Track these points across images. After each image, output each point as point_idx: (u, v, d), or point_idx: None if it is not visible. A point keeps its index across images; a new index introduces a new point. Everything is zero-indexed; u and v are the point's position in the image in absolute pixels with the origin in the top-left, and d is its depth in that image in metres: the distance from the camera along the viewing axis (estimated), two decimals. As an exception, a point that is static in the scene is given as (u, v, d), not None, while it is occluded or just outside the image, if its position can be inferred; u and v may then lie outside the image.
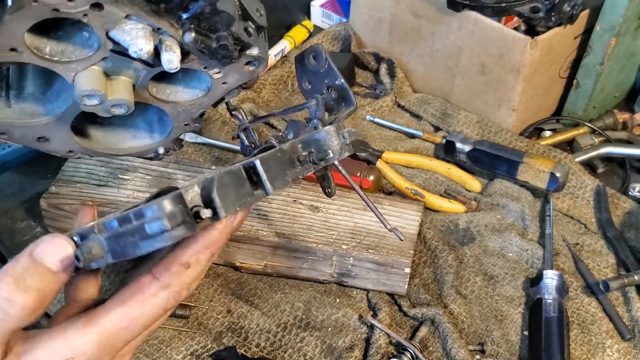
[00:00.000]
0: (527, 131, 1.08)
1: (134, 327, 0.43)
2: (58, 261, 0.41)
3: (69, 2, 0.40)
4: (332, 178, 0.62)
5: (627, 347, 0.78)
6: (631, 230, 0.91)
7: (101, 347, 0.42)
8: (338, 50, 1.26)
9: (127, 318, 0.43)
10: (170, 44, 0.48)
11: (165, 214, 0.37)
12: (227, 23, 0.48)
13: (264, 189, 0.43)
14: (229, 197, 0.40)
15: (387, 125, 1.10)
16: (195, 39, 0.48)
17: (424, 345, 0.78)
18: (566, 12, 0.95)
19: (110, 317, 0.43)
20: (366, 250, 0.81)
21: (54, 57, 0.49)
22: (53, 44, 0.49)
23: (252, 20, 0.51)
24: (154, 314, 0.43)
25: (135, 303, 0.43)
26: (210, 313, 0.80)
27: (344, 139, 0.49)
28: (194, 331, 0.78)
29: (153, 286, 0.43)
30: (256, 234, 0.82)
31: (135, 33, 0.46)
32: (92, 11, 0.42)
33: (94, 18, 0.43)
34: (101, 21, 0.44)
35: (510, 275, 0.86)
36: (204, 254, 0.44)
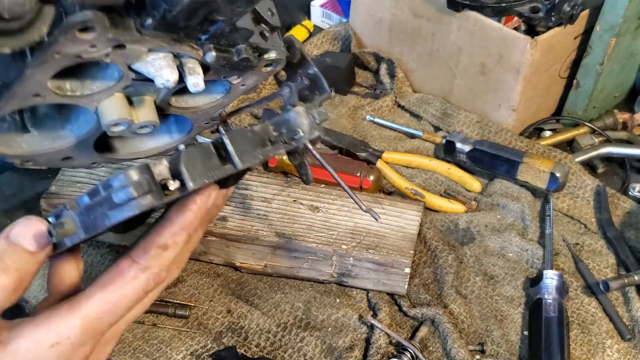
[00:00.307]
0: (527, 131, 1.08)
1: (117, 311, 0.44)
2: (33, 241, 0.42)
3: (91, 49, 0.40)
4: (308, 165, 0.63)
5: (627, 347, 0.78)
6: (631, 230, 0.91)
7: (85, 332, 0.43)
8: (338, 50, 1.26)
9: (109, 302, 0.43)
10: (193, 66, 0.48)
11: (132, 182, 0.38)
12: (246, 37, 0.49)
13: (232, 163, 0.44)
14: (197, 169, 0.41)
15: (387, 125, 1.10)
16: (216, 57, 0.48)
17: (424, 345, 0.78)
18: (566, 12, 0.95)
19: (92, 302, 0.43)
20: (366, 250, 0.81)
21: (76, 92, 0.48)
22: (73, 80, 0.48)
23: (265, 22, 0.52)
24: (134, 296, 0.44)
25: (116, 287, 0.44)
26: (210, 313, 0.80)
27: (314, 119, 0.50)
28: (194, 331, 0.78)
29: (132, 269, 0.44)
30: (256, 234, 0.82)
31: (159, 63, 0.46)
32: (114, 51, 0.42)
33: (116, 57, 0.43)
34: (123, 58, 0.44)
35: (510, 275, 0.86)
36: (181, 235, 0.45)
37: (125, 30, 0.40)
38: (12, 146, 0.53)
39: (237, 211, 0.85)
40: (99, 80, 0.49)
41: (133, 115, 0.52)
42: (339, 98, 1.16)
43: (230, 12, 0.43)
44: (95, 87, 0.49)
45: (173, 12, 0.40)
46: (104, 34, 0.39)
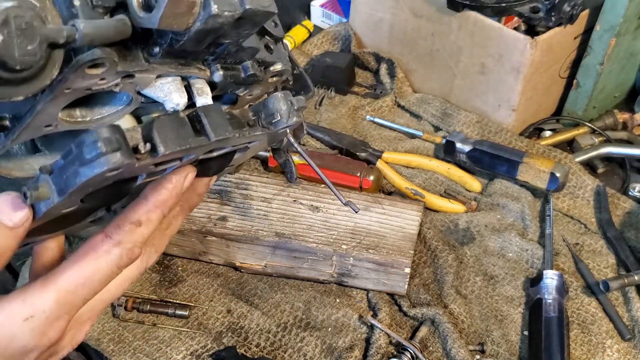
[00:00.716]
0: (527, 131, 1.08)
1: (91, 285, 0.44)
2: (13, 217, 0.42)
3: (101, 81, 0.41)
4: (293, 163, 0.64)
5: (627, 347, 0.78)
6: (631, 230, 0.91)
7: (60, 305, 0.43)
8: (338, 50, 1.26)
9: (83, 276, 0.44)
10: (201, 86, 0.48)
11: (102, 137, 0.38)
12: (252, 54, 0.49)
13: (206, 135, 0.44)
14: (169, 135, 0.41)
15: (387, 125, 1.10)
16: (224, 75, 0.48)
17: (424, 345, 0.78)
18: (566, 12, 0.95)
19: (66, 275, 0.44)
20: (366, 250, 0.81)
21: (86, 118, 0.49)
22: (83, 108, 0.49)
23: (269, 34, 0.52)
24: (108, 271, 0.45)
25: (90, 260, 0.44)
26: (210, 313, 0.80)
27: (292, 105, 0.50)
28: (194, 331, 0.78)
29: (106, 244, 0.45)
30: (256, 234, 0.82)
31: (168, 88, 0.46)
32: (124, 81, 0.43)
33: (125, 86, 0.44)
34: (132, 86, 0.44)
35: (510, 275, 0.86)
36: (155, 212, 0.46)
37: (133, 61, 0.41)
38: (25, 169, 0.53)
39: (237, 211, 0.85)
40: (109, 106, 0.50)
41: None
42: (339, 98, 1.16)
43: (237, 35, 0.43)
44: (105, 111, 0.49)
45: (181, 41, 0.40)
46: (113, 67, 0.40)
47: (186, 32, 0.39)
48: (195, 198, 0.54)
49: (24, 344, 0.43)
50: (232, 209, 0.85)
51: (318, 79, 1.17)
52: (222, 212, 0.85)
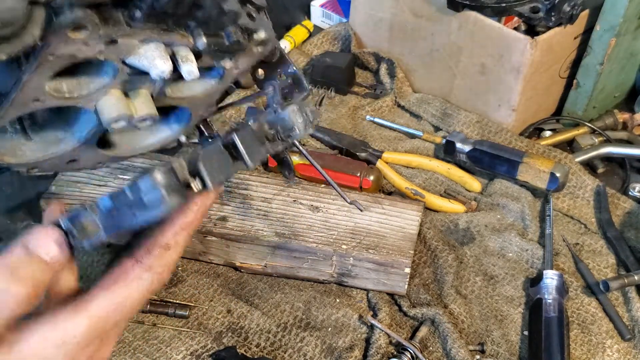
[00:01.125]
0: (527, 131, 1.08)
1: (122, 310, 0.44)
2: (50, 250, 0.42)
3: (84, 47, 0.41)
4: (291, 162, 0.65)
5: (627, 347, 0.78)
6: (631, 230, 0.91)
7: (91, 331, 0.43)
8: (338, 50, 1.26)
9: (115, 302, 0.44)
10: (185, 54, 0.49)
11: (162, 183, 0.39)
12: (234, 19, 0.49)
13: (244, 162, 0.45)
14: (214, 168, 0.42)
15: (387, 125, 1.10)
16: (207, 42, 0.48)
17: (424, 345, 0.78)
18: (566, 12, 0.95)
19: (98, 301, 0.44)
20: (366, 250, 0.81)
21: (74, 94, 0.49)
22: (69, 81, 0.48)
23: (251, 3, 0.52)
24: (139, 296, 0.45)
25: (121, 287, 0.44)
26: (210, 313, 0.80)
27: (307, 116, 0.51)
28: (194, 331, 0.78)
29: (136, 269, 0.45)
30: (256, 234, 0.82)
31: (151, 55, 0.46)
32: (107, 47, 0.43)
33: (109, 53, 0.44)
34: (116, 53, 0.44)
35: (510, 275, 0.86)
36: (182, 235, 0.46)
37: (115, 25, 0.41)
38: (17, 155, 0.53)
39: (237, 211, 0.85)
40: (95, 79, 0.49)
41: (132, 109, 0.52)
42: (339, 98, 1.16)
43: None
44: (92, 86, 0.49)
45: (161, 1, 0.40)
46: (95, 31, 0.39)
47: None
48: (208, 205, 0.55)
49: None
50: (232, 209, 0.85)
51: (318, 79, 1.17)
52: (222, 212, 0.85)
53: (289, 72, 0.62)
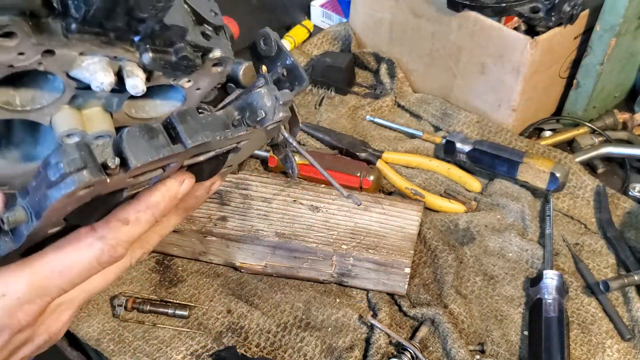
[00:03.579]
0: (527, 131, 1.08)
1: (67, 274, 0.44)
2: None
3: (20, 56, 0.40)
4: (293, 159, 0.63)
5: (627, 347, 0.78)
6: (631, 230, 0.91)
7: (33, 288, 0.43)
8: (338, 50, 1.26)
9: (61, 263, 0.44)
10: (131, 68, 0.48)
11: (65, 159, 0.37)
12: (181, 34, 0.48)
13: (182, 142, 0.43)
14: (140, 147, 0.40)
15: (387, 125, 1.10)
16: (153, 58, 0.47)
17: (424, 345, 0.78)
18: (566, 12, 0.95)
19: (44, 260, 0.44)
20: (366, 250, 0.81)
21: (26, 107, 0.48)
22: (22, 93, 0.48)
23: (207, 22, 0.51)
24: (87, 264, 0.44)
25: (70, 249, 0.44)
26: (210, 313, 0.80)
27: (277, 100, 0.49)
28: (194, 331, 0.78)
29: (89, 236, 0.44)
30: (256, 234, 0.82)
31: (93, 67, 0.45)
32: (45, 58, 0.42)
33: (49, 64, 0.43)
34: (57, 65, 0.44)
35: (510, 275, 0.86)
36: (145, 213, 0.45)
37: (51, 35, 0.40)
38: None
39: (237, 211, 0.85)
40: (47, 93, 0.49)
41: (86, 125, 0.51)
42: (339, 98, 1.16)
43: (152, 7, 0.42)
44: (44, 100, 0.49)
45: (91, 11, 0.40)
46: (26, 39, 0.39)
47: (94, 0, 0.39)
48: (192, 201, 0.54)
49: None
50: (232, 209, 0.85)
51: (318, 79, 1.17)
52: (222, 212, 0.85)
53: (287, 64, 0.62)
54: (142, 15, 0.42)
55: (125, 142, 0.40)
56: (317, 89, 1.17)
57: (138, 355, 0.75)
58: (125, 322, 0.79)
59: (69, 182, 0.37)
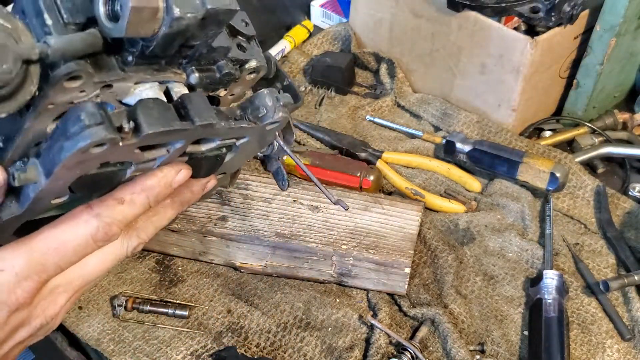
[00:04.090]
0: (527, 131, 1.08)
1: (64, 251, 0.45)
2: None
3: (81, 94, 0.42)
4: (285, 171, 0.65)
5: (627, 347, 0.78)
6: (631, 230, 0.91)
7: (30, 264, 0.44)
8: (338, 50, 1.26)
9: (57, 239, 0.44)
10: (179, 89, 0.50)
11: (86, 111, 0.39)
12: (225, 53, 0.50)
13: (190, 120, 0.45)
14: (153, 116, 0.42)
15: (387, 125, 1.10)
16: (200, 77, 0.50)
17: (424, 345, 0.78)
18: (566, 12, 0.95)
19: (41, 237, 0.45)
20: (366, 250, 0.81)
21: None
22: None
23: (241, 34, 0.53)
24: (83, 241, 0.45)
25: (66, 226, 0.45)
26: (210, 313, 0.80)
27: (278, 101, 0.52)
28: (194, 331, 0.78)
29: (85, 213, 0.45)
30: (256, 234, 0.82)
31: (145, 93, 0.47)
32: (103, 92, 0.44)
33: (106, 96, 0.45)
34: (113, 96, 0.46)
35: (510, 275, 0.86)
36: (140, 195, 0.47)
37: (109, 70, 0.42)
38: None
39: (237, 211, 0.85)
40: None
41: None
42: (339, 98, 1.16)
43: (204, 36, 0.45)
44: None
45: (150, 46, 0.42)
46: (89, 79, 0.41)
47: (154, 37, 0.41)
48: (188, 194, 0.55)
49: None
50: (232, 209, 0.85)
51: (318, 79, 1.17)
52: (222, 212, 0.85)
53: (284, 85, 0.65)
54: (195, 42, 0.45)
55: (139, 110, 0.42)
56: (317, 89, 1.17)
57: (138, 355, 0.75)
58: (125, 322, 0.79)
59: (87, 134, 0.39)
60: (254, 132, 0.53)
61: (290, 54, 1.25)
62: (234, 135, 0.51)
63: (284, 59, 1.24)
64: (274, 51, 1.22)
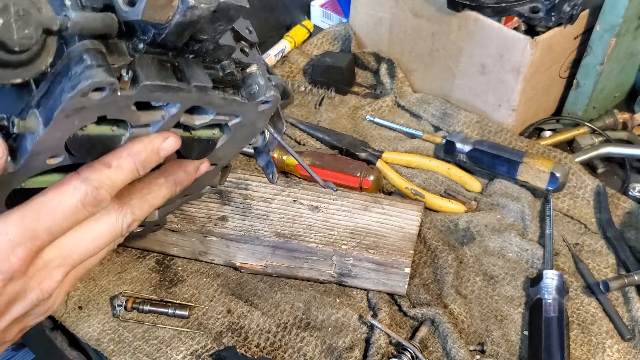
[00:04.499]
0: (527, 131, 1.08)
1: (55, 215, 0.45)
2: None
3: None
4: (275, 164, 0.67)
5: (627, 347, 0.78)
6: (631, 230, 0.91)
7: (23, 230, 0.44)
8: (338, 50, 1.26)
9: (47, 206, 0.45)
10: None
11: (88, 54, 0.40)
12: (229, 53, 0.52)
13: (187, 81, 0.47)
14: (151, 70, 0.44)
15: (387, 125, 1.10)
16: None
17: (424, 345, 0.78)
18: (566, 12, 0.95)
19: (31, 204, 0.45)
20: (366, 250, 0.81)
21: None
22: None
23: (244, 39, 0.56)
24: (72, 205, 0.46)
25: (56, 192, 0.46)
26: (210, 313, 0.80)
27: (270, 81, 0.54)
28: (194, 331, 0.78)
29: (74, 179, 0.46)
30: (256, 234, 0.82)
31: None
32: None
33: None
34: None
35: (510, 275, 0.86)
36: (127, 160, 0.48)
37: (120, 55, 0.44)
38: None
39: (237, 211, 0.85)
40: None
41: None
42: (339, 98, 1.16)
43: (213, 30, 0.46)
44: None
45: (162, 34, 0.43)
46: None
47: (167, 25, 0.42)
48: (182, 174, 0.55)
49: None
50: (232, 209, 0.85)
51: (318, 79, 1.17)
52: (222, 212, 0.85)
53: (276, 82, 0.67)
54: (204, 37, 0.47)
55: (137, 63, 0.44)
56: (317, 89, 1.17)
57: (138, 355, 0.75)
58: (125, 322, 0.79)
59: (88, 75, 0.40)
60: (246, 110, 0.54)
61: (290, 54, 1.25)
62: (227, 110, 0.53)
63: (284, 59, 1.24)
64: (274, 51, 1.22)
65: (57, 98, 0.41)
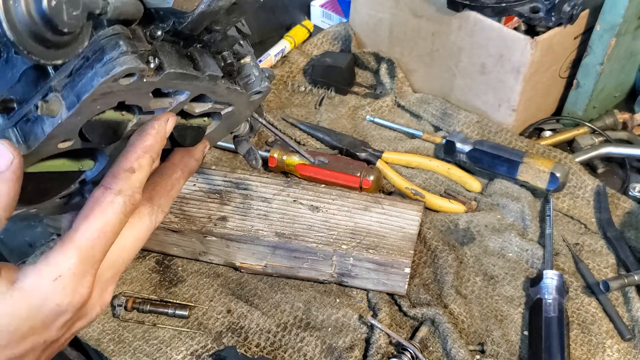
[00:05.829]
0: (527, 131, 1.08)
1: (105, 236, 0.46)
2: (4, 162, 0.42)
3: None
4: (256, 150, 0.69)
5: (627, 347, 0.78)
6: (631, 230, 0.91)
7: (83, 261, 0.45)
8: (338, 50, 1.26)
9: (97, 229, 0.46)
10: None
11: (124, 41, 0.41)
12: (232, 44, 0.53)
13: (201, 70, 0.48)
14: (173, 58, 0.46)
15: (387, 125, 1.10)
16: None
17: (424, 345, 0.78)
18: (566, 12, 0.95)
19: (81, 232, 0.46)
20: (366, 250, 0.80)
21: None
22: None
23: (239, 31, 0.57)
24: (116, 220, 0.47)
25: (97, 214, 0.46)
26: (210, 313, 0.80)
27: (263, 73, 0.56)
28: (194, 331, 0.78)
29: (107, 195, 0.47)
30: (256, 234, 0.82)
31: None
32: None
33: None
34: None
35: (510, 275, 0.86)
36: (144, 158, 0.49)
37: (138, 41, 0.44)
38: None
39: (237, 211, 0.85)
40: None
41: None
42: (339, 98, 1.16)
43: (227, 22, 0.48)
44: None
45: (184, 23, 0.44)
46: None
47: (190, 14, 0.43)
48: (193, 162, 0.58)
49: (58, 302, 0.44)
50: (232, 209, 0.85)
51: (318, 79, 1.17)
52: (222, 212, 0.85)
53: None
54: (217, 28, 0.48)
55: (160, 51, 0.45)
56: (317, 89, 1.17)
57: (138, 355, 0.75)
58: (125, 322, 0.79)
59: (123, 61, 0.40)
60: (241, 100, 0.56)
61: (290, 54, 1.25)
62: (226, 98, 0.54)
63: (284, 59, 1.24)
64: (274, 51, 1.22)
65: (88, 82, 0.41)
